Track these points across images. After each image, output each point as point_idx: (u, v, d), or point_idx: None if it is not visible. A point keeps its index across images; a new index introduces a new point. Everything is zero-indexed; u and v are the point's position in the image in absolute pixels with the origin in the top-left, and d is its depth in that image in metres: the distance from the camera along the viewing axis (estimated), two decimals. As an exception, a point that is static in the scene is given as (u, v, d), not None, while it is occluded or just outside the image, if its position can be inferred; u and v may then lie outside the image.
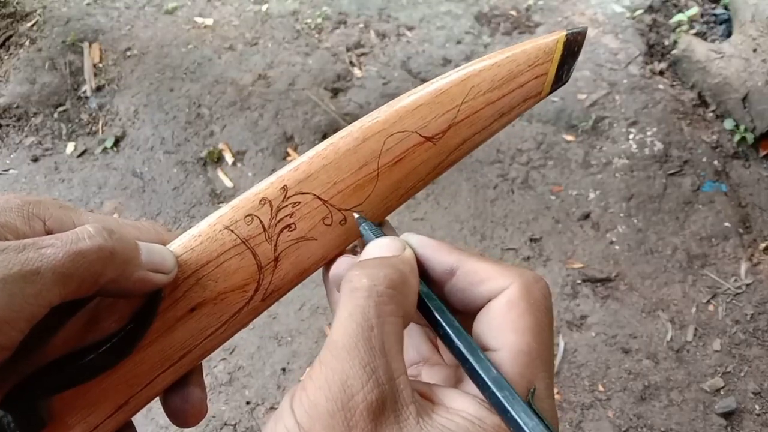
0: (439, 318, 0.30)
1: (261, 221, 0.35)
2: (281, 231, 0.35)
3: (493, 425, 0.26)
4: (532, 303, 0.29)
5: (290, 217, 0.35)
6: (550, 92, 0.38)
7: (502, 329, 0.29)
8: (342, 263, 0.36)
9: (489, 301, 0.30)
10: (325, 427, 0.24)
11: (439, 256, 0.33)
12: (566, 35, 0.37)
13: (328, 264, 0.37)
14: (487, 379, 0.27)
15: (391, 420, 0.25)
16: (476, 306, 0.31)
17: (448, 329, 0.30)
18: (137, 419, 0.34)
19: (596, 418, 1.48)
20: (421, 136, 0.37)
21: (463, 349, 0.28)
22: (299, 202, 0.36)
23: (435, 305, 0.31)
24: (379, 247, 0.33)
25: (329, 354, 0.26)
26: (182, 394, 0.35)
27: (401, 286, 0.29)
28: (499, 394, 0.26)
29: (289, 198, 0.36)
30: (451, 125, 0.37)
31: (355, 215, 0.36)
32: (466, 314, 0.31)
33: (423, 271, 0.33)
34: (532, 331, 0.28)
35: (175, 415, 0.35)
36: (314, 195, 0.36)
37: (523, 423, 0.25)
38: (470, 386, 0.28)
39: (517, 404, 0.26)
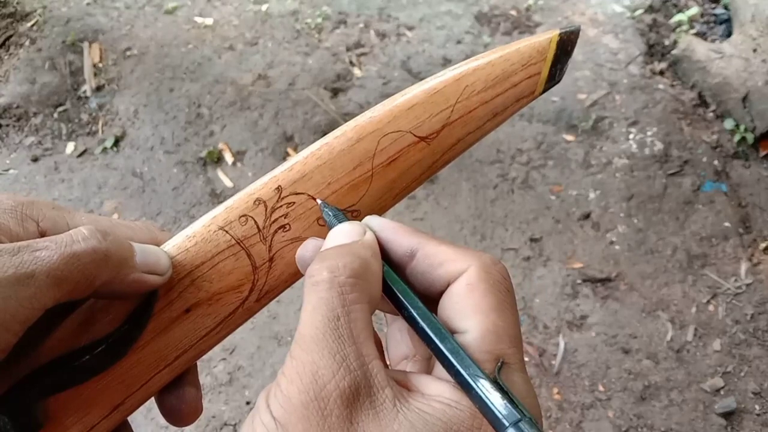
0: (403, 300, 0.30)
1: (255, 222, 0.35)
2: (276, 231, 0.35)
3: (469, 406, 0.26)
4: (491, 284, 0.29)
5: (285, 218, 0.36)
6: (544, 91, 0.38)
7: (467, 311, 0.28)
8: (309, 246, 0.35)
9: (449, 284, 0.30)
10: (301, 418, 0.24)
11: (400, 238, 0.32)
12: (559, 34, 0.37)
13: None
14: (452, 358, 0.27)
15: (367, 405, 0.25)
16: (436, 289, 0.31)
17: (412, 311, 0.29)
18: (137, 419, 0.35)
19: (596, 418, 1.48)
20: (415, 135, 0.37)
21: (428, 330, 0.28)
22: (294, 203, 0.36)
23: (399, 288, 0.31)
24: (340, 233, 0.33)
25: (298, 348, 0.26)
26: (177, 394, 0.35)
27: (363, 272, 0.29)
28: (464, 372, 0.26)
29: (283, 198, 0.36)
30: (445, 125, 0.37)
31: (318, 201, 0.36)
32: (429, 297, 0.31)
33: (385, 254, 0.33)
34: (496, 311, 0.28)
35: (171, 414, 0.35)
36: (309, 195, 0.36)
37: (486, 398, 0.25)
38: (443, 372, 0.28)
39: (481, 380, 0.25)
